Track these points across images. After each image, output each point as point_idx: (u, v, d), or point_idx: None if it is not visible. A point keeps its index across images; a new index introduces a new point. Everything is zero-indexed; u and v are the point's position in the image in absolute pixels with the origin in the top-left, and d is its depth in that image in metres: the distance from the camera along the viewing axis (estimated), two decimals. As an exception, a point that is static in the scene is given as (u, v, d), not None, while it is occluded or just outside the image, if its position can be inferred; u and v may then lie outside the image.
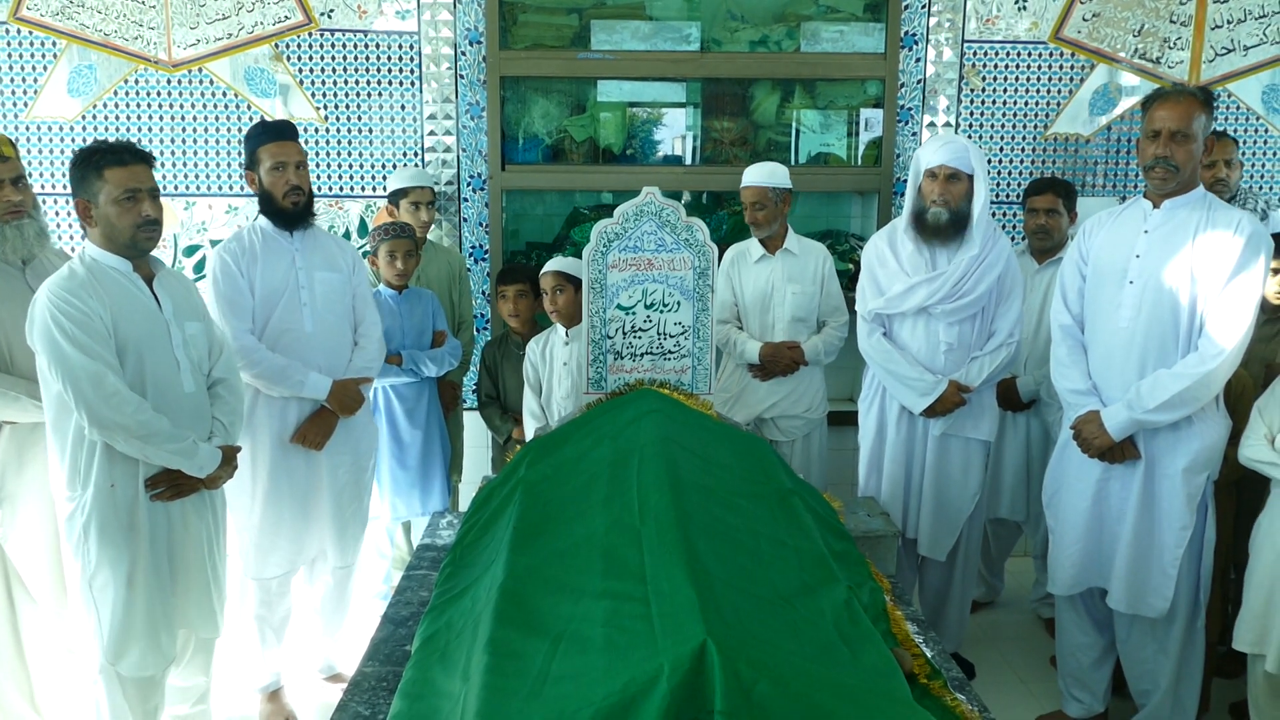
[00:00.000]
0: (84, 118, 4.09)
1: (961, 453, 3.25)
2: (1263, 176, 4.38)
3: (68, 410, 2.40)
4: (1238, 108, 4.30)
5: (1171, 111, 2.64)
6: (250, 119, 4.09)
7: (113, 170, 2.42)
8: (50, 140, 4.07)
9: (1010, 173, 4.34)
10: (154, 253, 2.60)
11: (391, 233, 3.56)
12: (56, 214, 4.08)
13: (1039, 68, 4.26)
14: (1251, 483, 2.86)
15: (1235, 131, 4.27)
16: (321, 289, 3.04)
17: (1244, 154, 4.31)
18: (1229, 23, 4.25)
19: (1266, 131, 4.33)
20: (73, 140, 4.06)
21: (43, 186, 4.02)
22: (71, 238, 4.08)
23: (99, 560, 2.45)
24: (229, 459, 2.65)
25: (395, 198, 3.86)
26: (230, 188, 4.18)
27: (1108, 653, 3.03)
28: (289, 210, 2.98)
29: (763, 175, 3.56)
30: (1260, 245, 2.60)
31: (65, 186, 2.54)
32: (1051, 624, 3.89)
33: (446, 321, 3.80)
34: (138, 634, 2.50)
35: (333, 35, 4.11)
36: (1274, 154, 4.36)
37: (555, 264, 3.50)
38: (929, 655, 2.05)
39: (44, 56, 4.03)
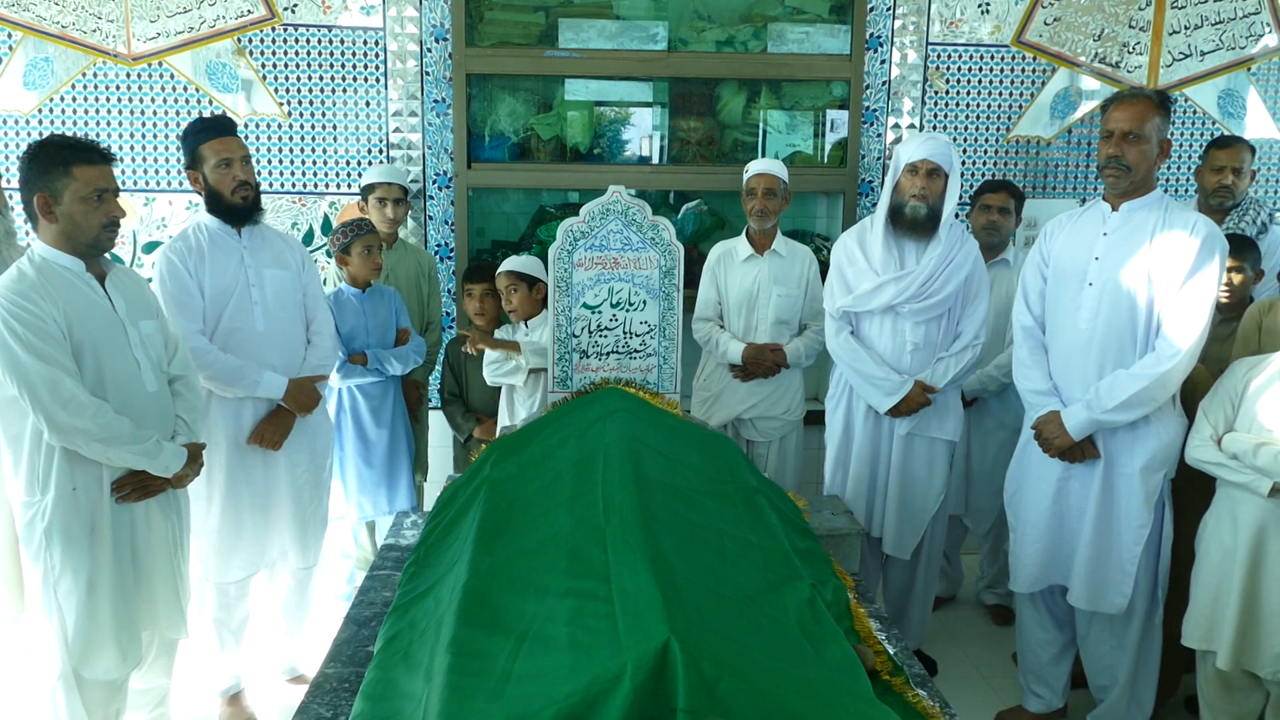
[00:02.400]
0: (40, 111, 4.01)
1: (926, 452, 3.28)
2: (1218, 180, 4.45)
3: (22, 413, 2.35)
4: (1194, 113, 4.38)
5: (1125, 112, 2.70)
6: (213, 114, 4.03)
7: (83, 168, 2.37)
8: (4, 134, 3.99)
9: (973, 174, 4.39)
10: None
11: (364, 229, 3.54)
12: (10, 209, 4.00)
13: (1001, 71, 4.32)
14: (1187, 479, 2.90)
15: (1192, 136, 4.35)
16: (272, 287, 2.99)
17: (1198, 159, 4.40)
18: (1186, 29, 4.32)
19: (1222, 136, 4.41)
20: (28, 134, 3.99)
21: (-3, 181, 3.95)
22: (26, 233, 4.00)
23: (63, 565, 2.40)
24: (194, 456, 2.62)
25: (365, 193, 3.84)
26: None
27: (1067, 649, 3.07)
28: (239, 206, 2.92)
29: (774, 166, 3.59)
30: (1215, 247, 2.65)
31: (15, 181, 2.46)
32: (996, 611, 3.96)
33: (410, 319, 3.78)
34: (104, 638, 2.46)
35: (296, 30, 4.06)
36: (1229, 158, 4.43)
37: (507, 264, 3.57)
38: (891, 652, 2.07)
39: (-1, 48, 3.95)
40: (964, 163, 4.37)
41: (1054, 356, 2.90)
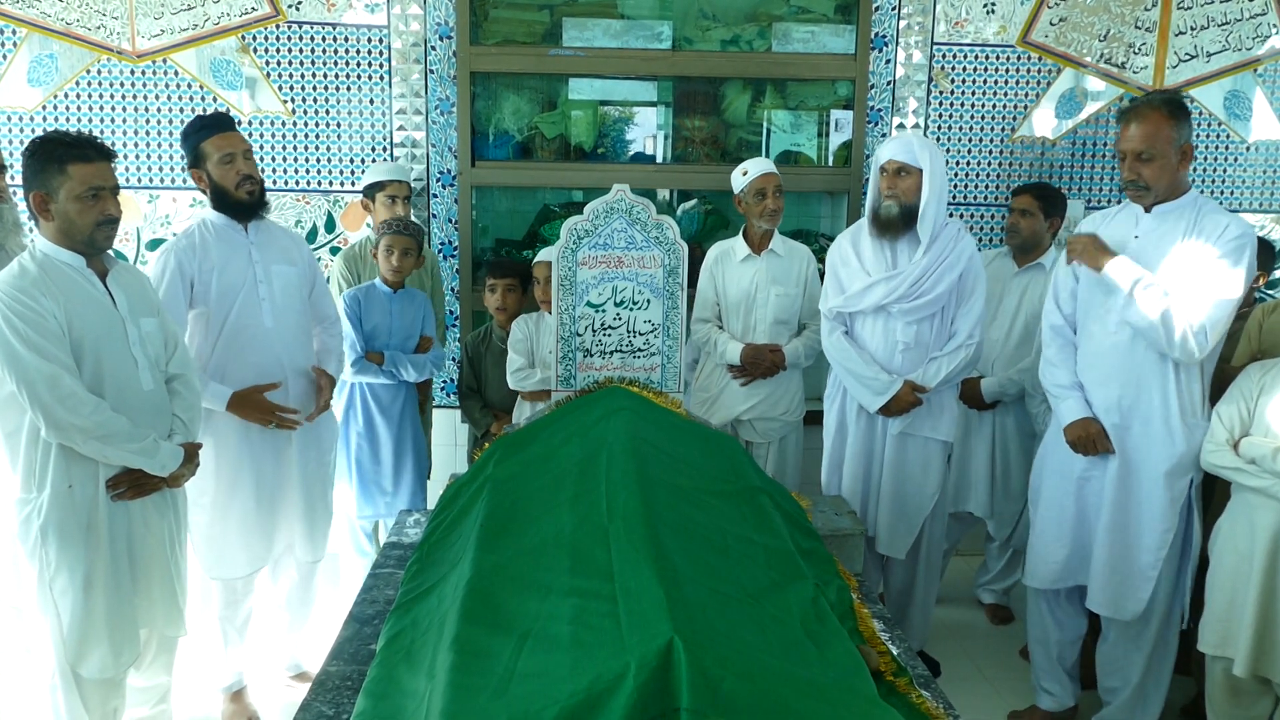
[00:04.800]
0: (45, 108, 4.01)
1: (920, 452, 3.26)
2: (1224, 181, 4.44)
3: (19, 410, 2.34)
4: (1200, 113, 4.36)
5: (1137, 131, 2.68)
6: (214, 111, 4.03)
7: (77, 166, 2.36)
8: (9, 130, 3.99)
9: (978, 175, 4.38)
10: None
11: (394, 228, 3.53)
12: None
13: (1007, 71, 4.30)
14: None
15: (1197, 137, 4.33)
16: (279, 283, 2.99)
17: (1207, 159, 4.39)
18: (1192, 29, 4.31)
19: (1228, 137, 4.40)
20: (32, 130, 3.98)
21: None
22: (30, 229, 4.00)
23: (58, 563, 2.39)
24: (190, 456, 2.61)
25: (371, 191, 3.82)
26: (195, 181, 4.12)
27: (1078, 643, 3.07)
28: (245, 201, 2.91)
29: (771, 165, 3.59)
30: (1245, 247, 2.63)
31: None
32: (994, 610, 3.94)
33: (435, 328, 3.75)
34: (100, 636, 2.45)
35: (301, 28, 4.06)
36: (1235, 159, 4.42)
37: (544, 254, 3.58)
38: (895, 652, 2.06)
39: (3, 45, 3.95)
40: (969, 164, 4.35)
41: (1082, 356, 2.89)
